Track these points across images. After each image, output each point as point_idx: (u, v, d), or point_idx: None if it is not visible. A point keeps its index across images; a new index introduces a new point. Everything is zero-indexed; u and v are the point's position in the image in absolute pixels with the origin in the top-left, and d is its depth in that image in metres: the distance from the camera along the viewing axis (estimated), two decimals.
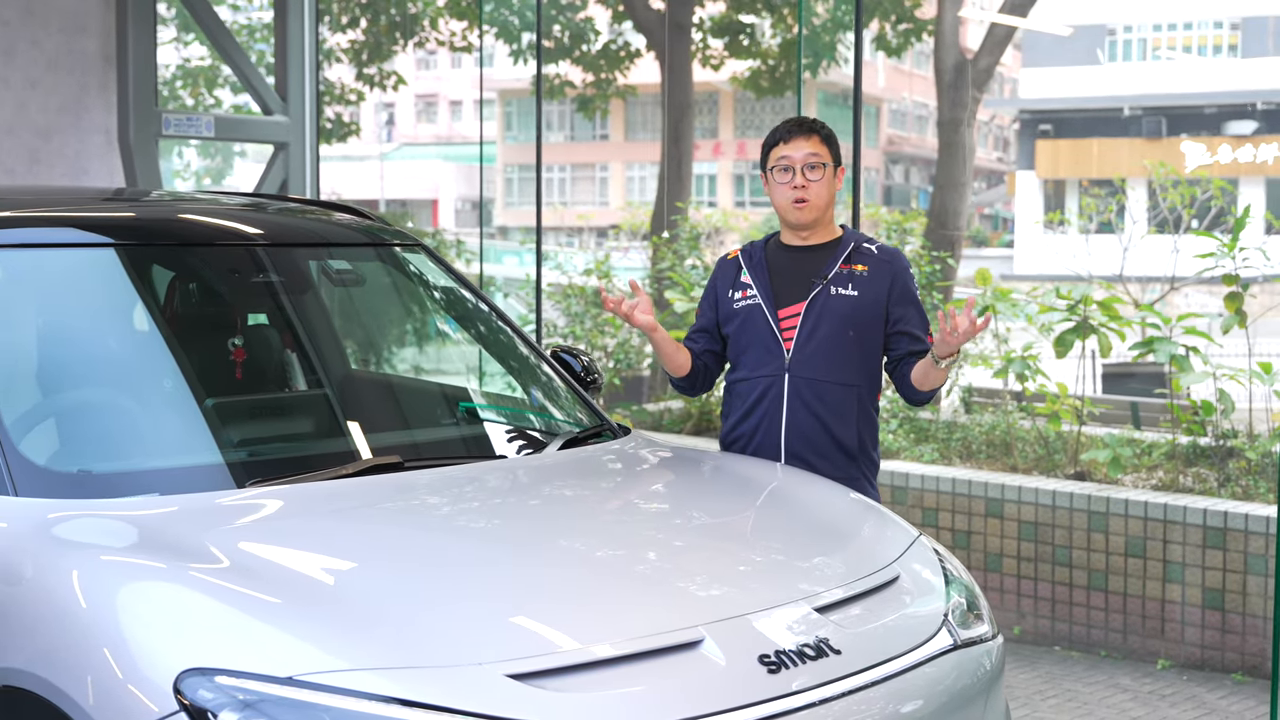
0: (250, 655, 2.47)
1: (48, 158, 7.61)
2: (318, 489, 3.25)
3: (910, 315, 4.12)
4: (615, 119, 44.22)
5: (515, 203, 47.39)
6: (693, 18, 14.31)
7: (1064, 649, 6.33)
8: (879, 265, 4.11)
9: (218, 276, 3.95)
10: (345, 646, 2.52)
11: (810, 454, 4.08)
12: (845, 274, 4.09)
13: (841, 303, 4.07)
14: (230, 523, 3.06)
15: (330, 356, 4.13)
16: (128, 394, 3.45)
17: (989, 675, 3.24)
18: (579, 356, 4.26)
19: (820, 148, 4.09)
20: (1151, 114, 34.66)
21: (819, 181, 4.07)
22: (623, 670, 2.64)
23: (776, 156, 4.12)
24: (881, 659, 2.94)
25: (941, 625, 3.17)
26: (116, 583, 2.68)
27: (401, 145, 52.63)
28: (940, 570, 3.40)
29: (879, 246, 4.18)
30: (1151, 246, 11.17)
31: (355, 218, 4.29)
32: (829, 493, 3.78)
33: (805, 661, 2.80)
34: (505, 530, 3.21)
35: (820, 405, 4.08)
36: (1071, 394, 7.26)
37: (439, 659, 2.54)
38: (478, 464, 3.63)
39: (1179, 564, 6.04)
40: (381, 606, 2.67)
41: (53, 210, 3.80)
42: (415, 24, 16.77)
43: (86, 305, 3.60)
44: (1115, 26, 37.37)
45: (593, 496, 3.59)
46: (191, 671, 2.44)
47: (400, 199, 45.88)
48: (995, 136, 54.92)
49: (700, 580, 3.03)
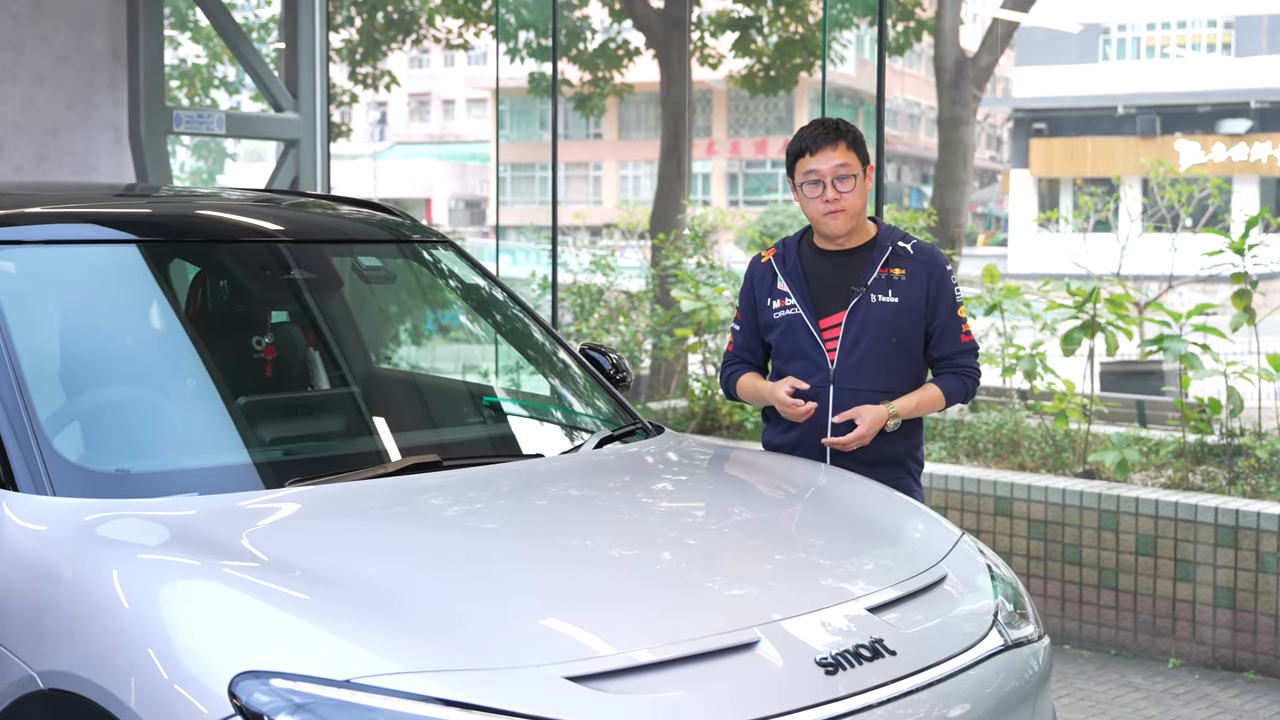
0: (305, 657, 2.43)
1: (56, 154, 7.55)
2: (357, 488, 3.20)
3: (939, 322, 4.07)
4: (609, 118, 44.24)
5: (510, 201, 47.35)
6: (691, 15, 14.29)
7: (1075, 648, 6.31)
8: (917, 267, 4.04)
9: (246, 273, 3.90)
10: (398, 648, 2.48)
11: (854, 464, 4.02)
12: (884, 279, 4.02)
13: (882, 310, 4.01)
14: (271, 522, 3.02)
15: (360, 354, 4.08)
16: (160, 392, 3.41)
17: (1037, 676, 3.20)
18: (608, 354, 4.21)
19: (848, 155, 3.98)
20: (1145, 112, 34.70)
21: (851, 192, 3.98)
22: (680, 672, 2.60)
23: (804, 170, 4.01)
24: (936, 660, 2.90)
25: (992, 625, 3.14)
26: (160, 583, 2.64)
27: (395, 144, 52.59)
28: (986, 569, 3.37)
29: (914, 245, 4.10)
30: (1148, 245, 11.17)
31: (382, 214, 4.25)
32: (870, 492, 3.75)
33: (862, 663, 2.77)
34: (548, 531, 3.17)
35: None
36: (1079, 392, 7.24)
37: (495, 661, 2.50)
38: (514, 463, 3.60)
39: (1190, 562, 6.02)
40: (431, 608, 2.64)
41: (79, 206, 3.76)
42: (413, 22, 16.74)
43: (116, 302, 3.55)
44: (1109, 25, 37.41)
45: (634, 496, 3.55)
46: (247, 674, 2.40)
47: (394, 198, 45.84)
48: (989, 135, 54.98)
49: (750, 580, 2.99)
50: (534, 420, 4.13)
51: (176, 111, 7.96)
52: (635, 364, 9.84)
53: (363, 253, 4.13)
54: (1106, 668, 6.04)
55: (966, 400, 4.15)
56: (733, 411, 8.14)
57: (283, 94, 8.61)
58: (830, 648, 2.77)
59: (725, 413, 8.22)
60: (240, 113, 14.66)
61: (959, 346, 4.09)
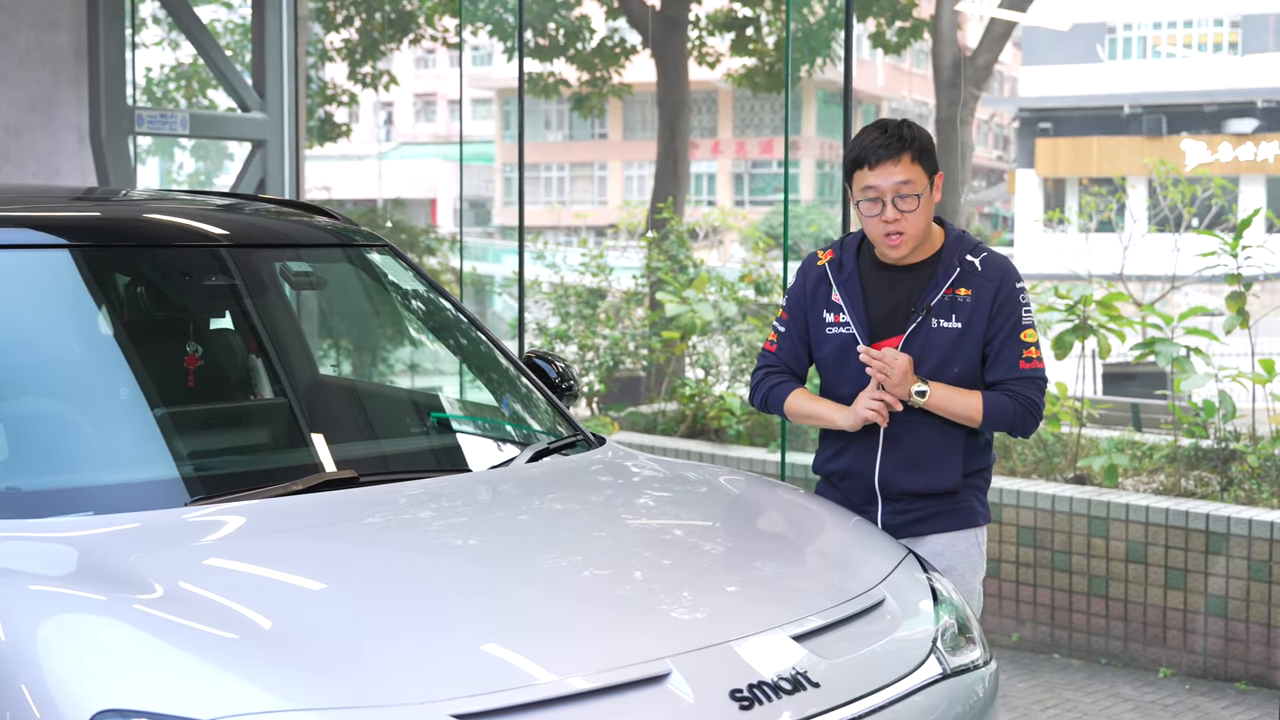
0: (171, 694, 2.31)
1: (18, 156, 7.43)
2: (264, 507, 3.06)
3: (996, 343, 3.62)
4: (614, 118, 44.14)
5: (514, 201, 47.23)
6: (688, 14, 14.18)
7: (1064, 656, 6.20)
8: (983, 286, 3.60)
9: (167, 279, 3.74)
10: (275, 684, 2.36)
11: (906, 498, 3.67)
12: (948, 301, 3.59)
13: (943, 336, 3.59)
14: (166, 545, 2.87)
15: (287, 364, 3.89)
16: (65, 403, 3.25)
17: (980, 704, 3.05)
18: (554, 362, 4.05)
19: (912, 170, 3.51)
20: (1151, 112, 34.53)
21: (914, 212, 3.53)
22: (580, 709, 2.46)
23: (861, 185, 3.56)
24: (864, 691, 2.75)
25: (930, 652, 2.98)
26: (39, 614, 2.51)
27: (400, 145, 52.54)
28: (929, 591, 3.20)
29: (984, 259, 3.64)
30: (1152, 245, 11.05)
31: (323, 218, 4.11)
32: (814, 510, 3.58)
33: (781, 695, 2.61)
34: (462, 551, 3.02)
35: (919, 449, 3.64)
36: (1071, 395, 7.12)
37: (377, 698, 2.36)
38: (439, 478, 3.43)
39: (1181, 570, 5.91)
40: (317, 640, 2.50)
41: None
42: (410, 21, 16.64)
43: (19, 308, 3.39)
44: (1115, 24, 37.25)
45: (559, 513, 3.38)
46: (108, 712, 2.28)
47: (399, 198, 45.81)
48: (995, 135, 54.78)
49: (670, 606, 2.84)
50: (465, 432, 3.97)
51: (139, 111, 7.85)
52: (627, 367, 9.73)
53: (299, 258, 3.99)
54: (1095, 677, 5.93)
55: (1015, 430, 3.63)
56: (720, 415, 8.04)
57: (249, 93, 8.52)
58: (747, 679, 2.61)
59: (713, 416, 8.10)
60: (205, 113, 14.51)
61: (1017, 372, 3.60)
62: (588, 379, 9.26)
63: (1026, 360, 3.62)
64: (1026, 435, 3.70)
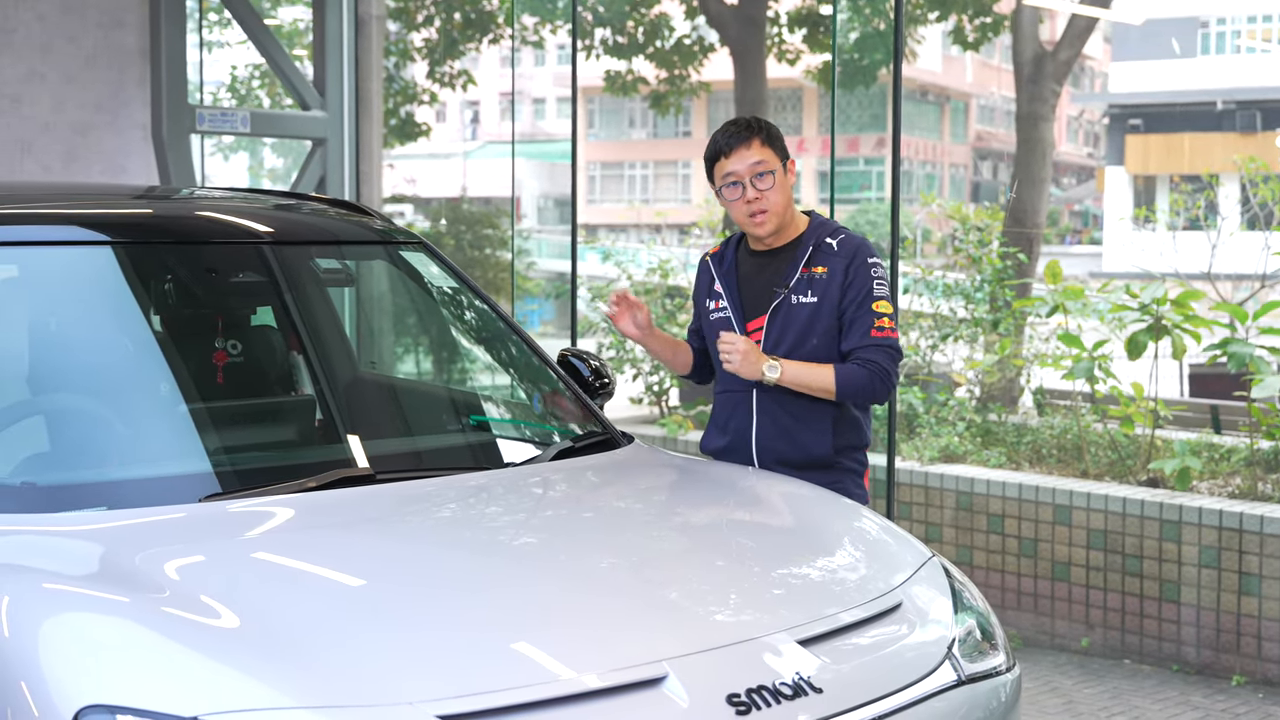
0: (156, 691, 2.29)
1: (85, 155, 7.51)
2: (274, 504, 3.04)
3: (849, 314, 3.84)
4: (698, 116, 44.04)
5: (598, 200, 47.21)
6: (767, 11, 14.09)
7: (1134, 662, 6.08)
8: (836, 263, 3.86)
9: (194, 276, 3.72)
10: (262, 682, 2.33)
11: (783, 469, 3.87)
12: (805, 279, 3.87)
13: (801, 311, 3.86)
14: (172, 542, 2.85)
15: (319, 360, 3.82)
16: (85, 399, 3.26)
17: (999, 711, 2.95)
18: (588, 360, 4.03)
19: (763, 152, 3.85)
20: (1245, 108, 33.92)
21: (771, 189, 3.85)
22: (572, 711, 2.41)
23: (722, 174, 3.89)
24: (871, 697, 2.67)
25: (945, 658, 2.89)
26: (43, 609, 2.51)
27: (486, 143, 52.81)
28: (950, 596, 3.11)
29: (841, 240, 3.90)
30: (1242, 243, 10.83)
31: (359, 215, 4.10)
32: (840, 510, 3.50)
33: (781, 700, 2.54)
34: (461, 550, 2.97)
35: (789, 419, 3.88)
36: (1147, 395, 6.98)
37: (363, 697, 2.33)
38: (455, 476, 3.39)
39: (1255, 575, 5.76)
40: (310, 637, 2.47)
41: (13, 207, 3.56)
42: (490, 21, 16.69)
43: (46, 305, 3.41)
44: (1208, 19, 36.62)
45: (574, 513, 3.34)
46: (94, 707, 2.27)
47: (484, 196, 46.07)
48: (1085, 132, 54.08)
49: (675, 607, 2.77)
50: (491, 431, 3.92)
51: (200, 110, 7.92)
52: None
53: (334, 255, 3.97)
54: (1166, 684, 5.80)
55: (869, 399, 3.86)
56: None
57: (309, 92, 8.56)
58: (746, 683, 2.54)
59: None
60: (265, 111, 14.61)
61: (868, 340, 3.82)
62: (656, 377, 9.23)
63: (879, 330, 3.84)
64: (881, 402, 3.91)
